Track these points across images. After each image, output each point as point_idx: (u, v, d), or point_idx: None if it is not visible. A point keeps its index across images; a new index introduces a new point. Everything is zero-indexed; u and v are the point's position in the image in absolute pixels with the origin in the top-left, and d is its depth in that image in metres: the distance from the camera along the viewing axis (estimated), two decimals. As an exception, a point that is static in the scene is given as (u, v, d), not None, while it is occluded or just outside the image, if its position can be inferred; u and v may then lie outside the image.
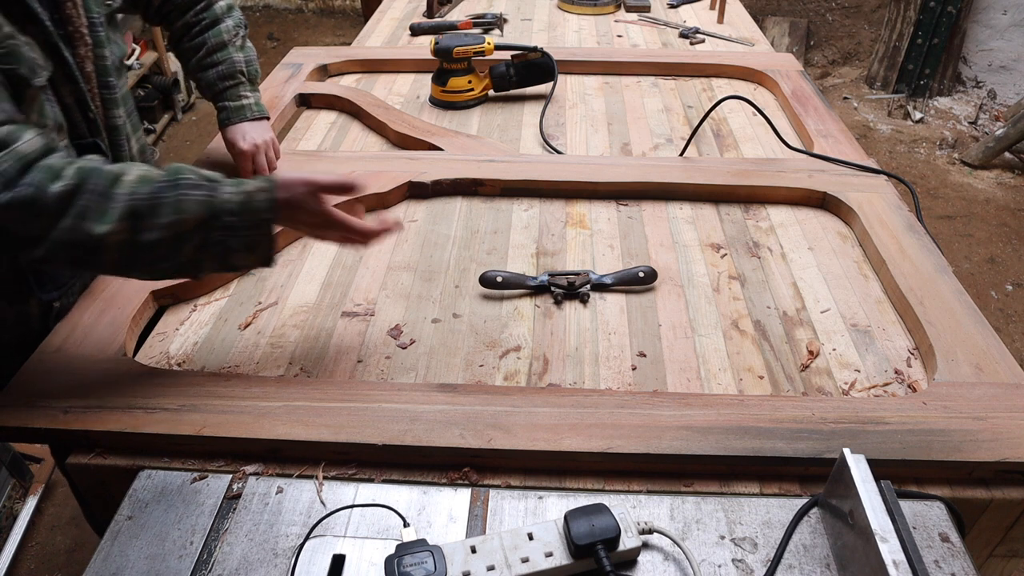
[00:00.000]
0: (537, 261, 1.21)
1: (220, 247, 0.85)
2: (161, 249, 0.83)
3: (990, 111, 4.16)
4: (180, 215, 0.82)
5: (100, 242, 0.81)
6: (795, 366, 1.00)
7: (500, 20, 2.22)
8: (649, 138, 1.58)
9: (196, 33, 1.29)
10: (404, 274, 1.17)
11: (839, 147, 1.47)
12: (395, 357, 1.01)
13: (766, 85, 1.84)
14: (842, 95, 4.36)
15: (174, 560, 0.75)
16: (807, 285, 1.15)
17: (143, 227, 0.82)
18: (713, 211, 1.33)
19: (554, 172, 1.38)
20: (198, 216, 0.83)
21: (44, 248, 0.81)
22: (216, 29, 1.29)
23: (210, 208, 0.83)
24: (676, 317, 1.08)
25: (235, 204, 0.85)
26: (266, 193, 0.86)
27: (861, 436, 0.85)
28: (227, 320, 1.08)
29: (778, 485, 0.84)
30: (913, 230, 1.22)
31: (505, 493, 0.82)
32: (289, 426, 0.86)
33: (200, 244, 0.84)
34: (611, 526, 0.73)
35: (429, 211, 1.33)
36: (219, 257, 0.86)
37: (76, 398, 0.90)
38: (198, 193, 0.84)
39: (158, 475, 0.84)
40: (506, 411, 0.88)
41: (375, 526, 0.78)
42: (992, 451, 0.83)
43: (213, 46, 1.28)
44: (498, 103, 1.76)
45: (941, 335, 1.00)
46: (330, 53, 1.94)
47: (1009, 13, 4.10)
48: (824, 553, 0.76)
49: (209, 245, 0.85)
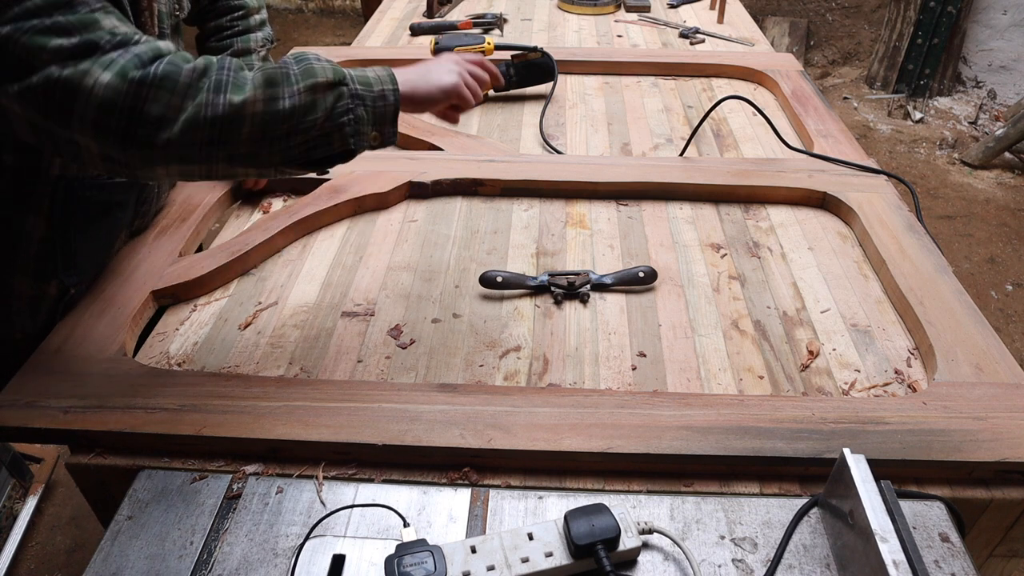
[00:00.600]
0: (537, 261, 1.21)
1: (351, 116, 0.86)
2: (296, 117, 0.82)
3: (990, 111, 4.16)
4: (313, 78, 0.83)
5: (239, 112, 0.79)
6: (795, 366, 1.00)
7: (500, 20, 2.22)
8: (649, 138, 1.58)
9: (226, 36, 1.30)
10: (404, 274, 1.17)
11: (839, 147, 1.47)
12: (395, 357, 1.01)
13: (766, 85, 1.84)
14: (842, 95, 4.37)
15: (174, 560, 0.75)
16: (807, 285, 1.15)
17: (279, 94, 0.81)
18: (713, 211, 1.33)
19: (554, 172, 1.38)
20: (329, 79, 0.84)
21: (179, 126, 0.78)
22: (245, 37, 1.32)
23: (338, 73, 0.85)
24: (676, 317, 1.08)
25: (360, 76, 0.88)
26: (386, 72, 0.91)
27: (861, 436, 0.85)
28: (227, 320, 1.08)
29: (778, 485, 0.84)
30: (913, 230, 1.22)
31: (505, 493, 0.82)
32: (289, 426, 0.86)
33: (330, 112, 0.84)
34: (611, 526, 0.73)
35: (429, 211, 1.33)
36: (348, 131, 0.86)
37: (76, 398, 0.90)
38: (324, 62, 0.86)
39: (158, 475, 0.84)
40: (506, 411, 0.88)
41: (375, 526, 0.78)
42: (992, 451, 0.83)
43: (238, 50, 1.30)
44: (498, 103, 1.76)
45: (941, 335, 1.00)
46: (330, 53, 1.94)
47: (1009, 13, 4.10)
48: (824, 553, 0.76)
49: (339, 114, 0.85)
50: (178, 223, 1.23)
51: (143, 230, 1.22)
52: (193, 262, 1.14)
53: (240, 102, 0.79)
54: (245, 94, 0.80)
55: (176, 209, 1.26)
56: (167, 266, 1.13)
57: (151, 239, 1.20)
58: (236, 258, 1.15)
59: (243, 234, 1.21)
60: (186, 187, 1.32)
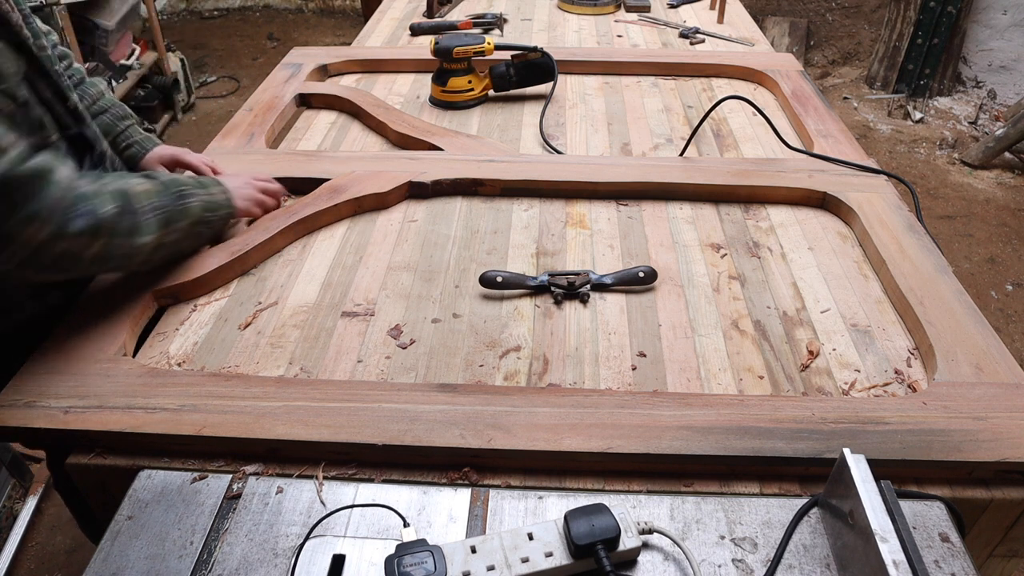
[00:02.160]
0: (537, 261, 1.21)
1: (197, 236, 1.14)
2: (174, 245, 1.08)
3: (990, 111, 4.16)
4: (189, 218, 1.08)
5: (143, 248, 1.01)
6: (795, 366, 1.00)
7: (500, 20, 2.22)
8: (649, 138, 1.58)
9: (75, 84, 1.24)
10: (404, 274, 1.17)
11: (839, 147, 1.47)
12: (395, 357, 1.01)
13: (766, 85, 1.84)
14: (842, 95, 4.37)
15: (174, 560, 0.75)
16: (807, 285, 1.15)
17: (170, 231, 1.04)
18: (713, 211, 1.33)
19: (554, 172, 1.38)
20: (196, 217, 1.09)
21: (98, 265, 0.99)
22: (89, 82, 1.28)
23: (202, 208, 1.11)
24: (676, 317, 1.08)
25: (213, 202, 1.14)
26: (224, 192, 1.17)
27: (861, 436, 0.85)
28: (227, 320, 1.08)
29: (778, 485, 0.84)
30: (913, 230, 1.22)
31: (505, 493, 0.82)
32: (289, 426, 0.86)
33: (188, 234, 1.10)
34: (611, 526, 0.73)
35: (429, 211, 1.33)
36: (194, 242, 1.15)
37: (76, 398, 0.90)
38: (195, 200, 1.09)
39: (158, 475, 0.84)
40: (506, 411, 0.88)
41: (375, 526, 0.78)
42: (992, 451, 0.83)
43: (94, 95, 1.28)
44: (498, 103, 1.76)
45: (941, 335, 1.00)
46: (330, 53, 1.94)
47: (1009, 13, 4.10)
48: (824, 553, 0.76)
49: (192, 235, 1.12)
50: (178, 223, 1.23)
51: None
52: (193, 262, 1.14)
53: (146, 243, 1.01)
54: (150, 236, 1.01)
55: (176, 209, 1.26)
56: (167, 266, 1.13)
57: (151, 239, 1.20)
58: (236, 258, 1.15)
59: (243, 234, 1.21)
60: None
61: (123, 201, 0.97)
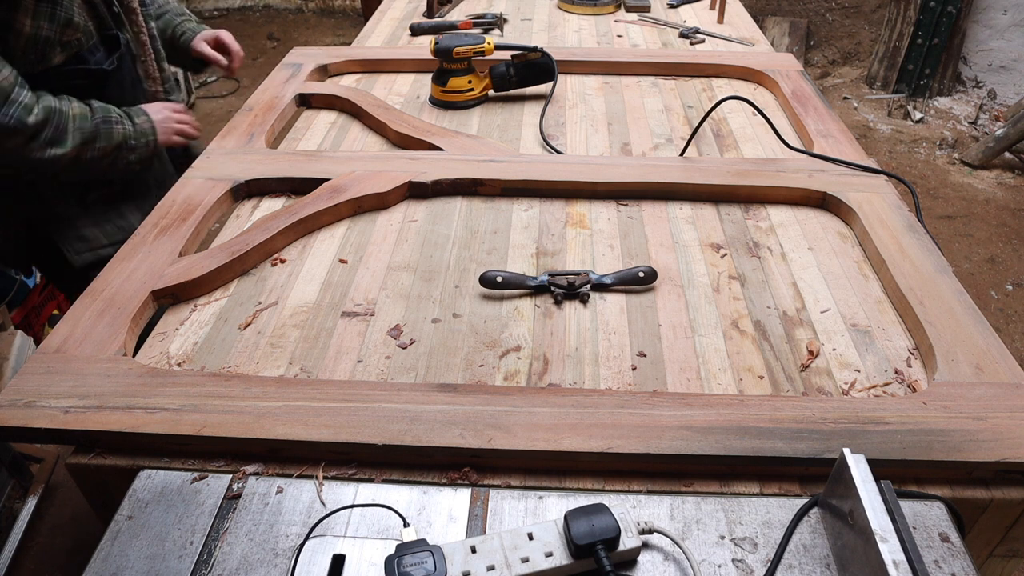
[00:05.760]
0: (537, 261, 1.21)
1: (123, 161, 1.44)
2: (96, 163, 1.37)
3: (990, 111, 4.16)
4: (110, 141, 1.38)
5: (60, 159, 1.31)
6: (795, 366, 1.00)
7: (500, 20, 2.22)
8: (649, 138, 1.58)
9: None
10: (404, 274, 1.17)
11: (839, 147, 1.47)
12: (395, 357, 1.01)
13: (766, 85, 1.84)
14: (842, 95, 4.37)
15: (174, 560, 0.75)
16: (807, 285, 1.15)
17: (87, 150, 1.34)
18: (713, 211, 1.33)
19: (554, 172, 1.38)
20: (118, 141, 1.40)
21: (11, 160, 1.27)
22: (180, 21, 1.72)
23: (124, 135, 1.41)
24: (676, 317, 1.08)
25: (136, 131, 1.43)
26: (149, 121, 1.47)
27: (861, 436, 0.85)
28: (227, 320, 1.08)
29: (778, 485, 0.84)
30: (913, 230, 1.22)
31: (505, 493, 0.82)
32: (289, 426, 0.86)
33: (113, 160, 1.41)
34: (611, 526, 0.73)
35: (429, 211, 1.33)
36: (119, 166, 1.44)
37: (76, 398, 0.90)
38: (119, 126, 1.40)
39: (158, 475, 0.84)
40: (506, 411, 0.88)
41: (375, 526, 0.78)
42: (992, 451, 0.83)
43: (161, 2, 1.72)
44: (498, 103, 1.76)
45: (941, 335, 1.00)
46: (330, 53, 1.94)
47: (1009, 13, 4.10)
48: (824, 553, 0.76)
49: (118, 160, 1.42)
50: (178, 223, 1.23)
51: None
52: (193, 262, 1.14)
53: (61, 154, 1.31)
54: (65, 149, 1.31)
55: (176, 209, 1.26)
56: (167, 266, 1.13)
57: (151, 239, 1.20)
58: (236, 258, 1.15)
59: (243, 234, 1.21)
60: (186, 187, 1.32)
61: (49, 115, 1.27)
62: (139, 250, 1.17)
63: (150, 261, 1.14)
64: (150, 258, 1.15)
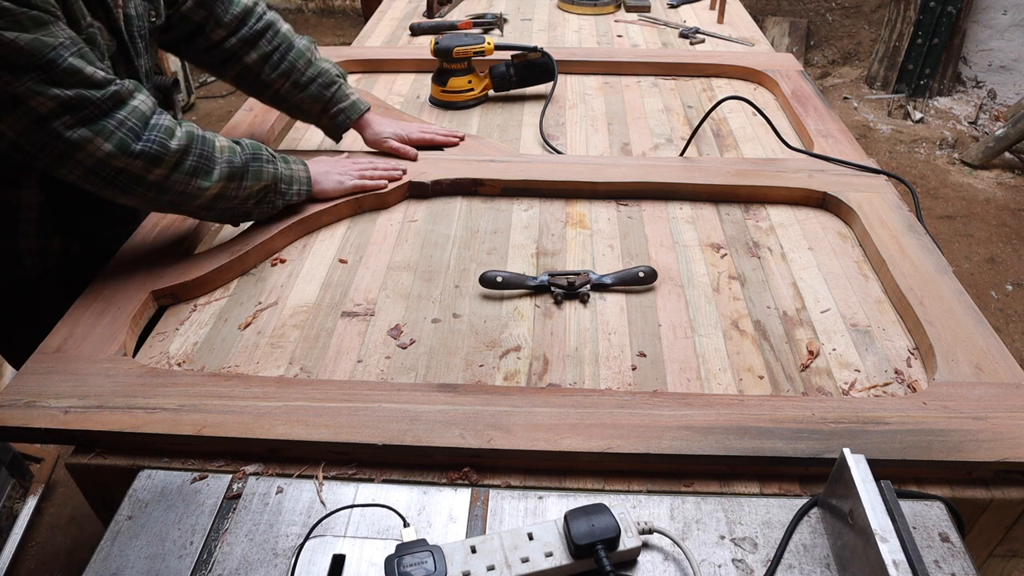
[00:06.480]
0: (537, 261, 1.21)
1: (271, 206, 1.20)
2: (238, 202, 1.14)
3: (990, 111, 4.16)
4: (259, 181, 1.15)
5: (202, 193, 1.08)
6: (795, 366, 1.00)
7: (500, 20, 2.22)
8: (649, 138, 1.58)
9: (278, 61, 1.35)
10: (404, 274, 1.17)
11: (839, 147, 1.47)
12: (395, 357, 1.01)
13: (766, 85, 1.84)
14: (842, 95, 4.37)
15: (174, 560, 0.75)
16: (807, 285, 1.15)
17: (233, 185, 1.11)
18: (713, 211, 1.33)
19: (554, 172, 1.38)
20: (267, 182, 1.16)
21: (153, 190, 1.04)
22: (296, 50, 1.36)
23: (275, 177, 1.18)
24: (676, 317, 1.08)
25: (287, 175, 1.20)
26: (307, 174, 1.25)
27: (861, 436, 0.85)
28: (227, 320, 1.08)
29: (778, 485, 0.84)
30: (913, 230, 1.22)
31: (505, 493, 0.82)
32: (289, 426, 0.86)
33: (259, 202, 1.18)
34: (611, 526, 0.73)
35: (429, 211, 1.33)
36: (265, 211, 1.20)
37: (76, 398, 0.90)
38: (270, 166, 1.17)
39: (158, 475, 0.84)
40: (506, 411, 0.88)
41: (375, 526, 0.78)
42: (992, 451, 0.83)
43: (303, 65, 1.37)
44: (498, 103, 1.76)
45: (941, 335, 1.00)
46: (330, 53, 1.94)
47: (1009, 13, 4.10)
48: (824, 553, 0.76)
49: (265, 205, 1.19)
50: (178, 223, 1.23)
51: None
52: (193, 262, 1.14)
53: (206, 187, 1.08)
54: (210, 182, 1.08)
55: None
56: (167, 266, 1.13)
57: (151, 239, 1.20)
58: (236, 258, 1.15)
59: (243, 234, 1.21)
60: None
61: (192, 142, 1.06)
62: (139, 250, 1.17)
63: (150, 261, 1.14)
64: (150, 258, 1.15)
